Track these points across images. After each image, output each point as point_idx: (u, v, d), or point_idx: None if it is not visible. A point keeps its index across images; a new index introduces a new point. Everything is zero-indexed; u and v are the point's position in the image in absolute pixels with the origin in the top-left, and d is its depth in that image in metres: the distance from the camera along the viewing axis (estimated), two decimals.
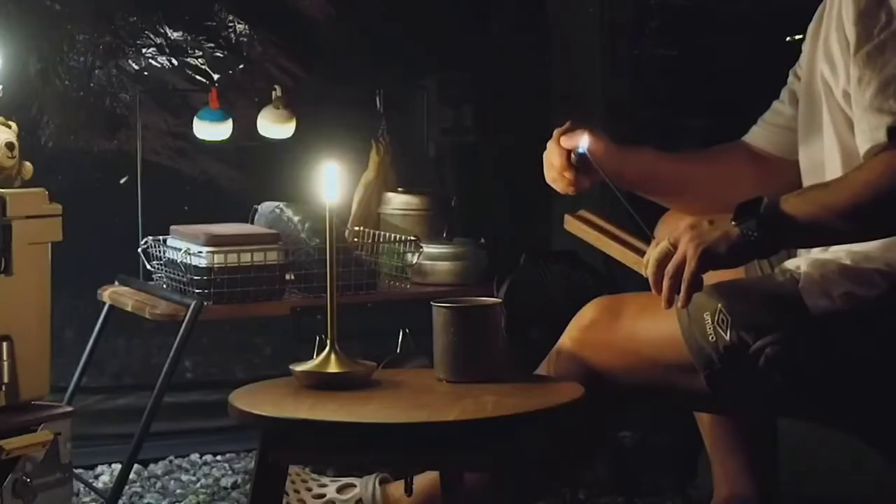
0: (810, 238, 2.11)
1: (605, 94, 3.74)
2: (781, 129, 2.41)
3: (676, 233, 2.08)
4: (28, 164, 2.73)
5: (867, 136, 2.06)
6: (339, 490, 2.47)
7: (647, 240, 2.17)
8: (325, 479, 2.51)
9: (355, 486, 2.46)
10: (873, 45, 2.08)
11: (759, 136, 2.45)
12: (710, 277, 2.19)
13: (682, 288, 2.06)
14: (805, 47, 2.32)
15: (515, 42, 3.84)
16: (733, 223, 2.05)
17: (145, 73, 3.57)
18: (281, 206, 3.17)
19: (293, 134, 3.38)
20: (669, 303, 2.08)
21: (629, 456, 3.24)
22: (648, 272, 2.10)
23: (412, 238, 3.19)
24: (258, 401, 2.07)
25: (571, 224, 2.32)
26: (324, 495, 2.47)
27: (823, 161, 2.21)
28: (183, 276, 3.02)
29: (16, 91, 3.09)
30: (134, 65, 3.57)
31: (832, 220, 2.04)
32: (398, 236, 3.22)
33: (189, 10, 3.61)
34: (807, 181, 2.25)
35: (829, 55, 2.17)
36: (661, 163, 2.46)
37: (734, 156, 2.45)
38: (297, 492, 2.47)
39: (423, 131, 3.68)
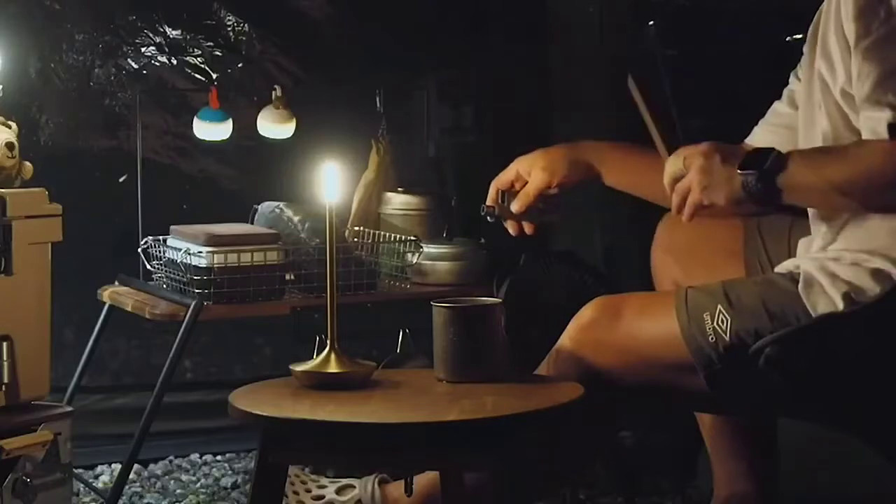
0: (806, 201, 2.20)
1: (605, 93, 3.73)
2: (782, 129, 2.41)
3: (691, 155, 2.17)
4: (28, 164, 2.73)
5: (867, 129, 2.07)
6: (339, 491, 2.47)
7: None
8: (324, 480, 2.51)
9: (354, 486, 2.46)
10: (872, 40, 2.08)
11: (759, 137, 2.45)
12: (710, 278, 2.19)
13: (686, 211, 2.17)
14: (805, 49, 2.32)
15: (515, 42, 3.84)
16: (738, 171, 2.10)
17: (145, 72, 3.57)
18: (281, 206, 3.17)
19: (293, 134, 3.38)
20: (678, 211, 2.19)
21: (629, 456, 3.24)
22: (665, 182, 2.21)
23: (412, 238, 3.19)
24: (258, 401, 2.07)
25: (635, 86, 2.40)
26: (323, 496, 2.47)
27: None
28: (183, 276, 3.02)
29: (16, 91, 3.09)
30: (133, 64, 3.57)
31: (829, 192, 2.10)
32: (398, 236, 3.22)
33: (188, 8, 3.61)
34: None
35: (828, 54, 2.17)
36: (645, 168, 2.46)
37: None
38: (296, 493, 2.47)
39: (423, 131, 3.68)
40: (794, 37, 2.30)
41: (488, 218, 2.58)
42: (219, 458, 3.53)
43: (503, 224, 2.58)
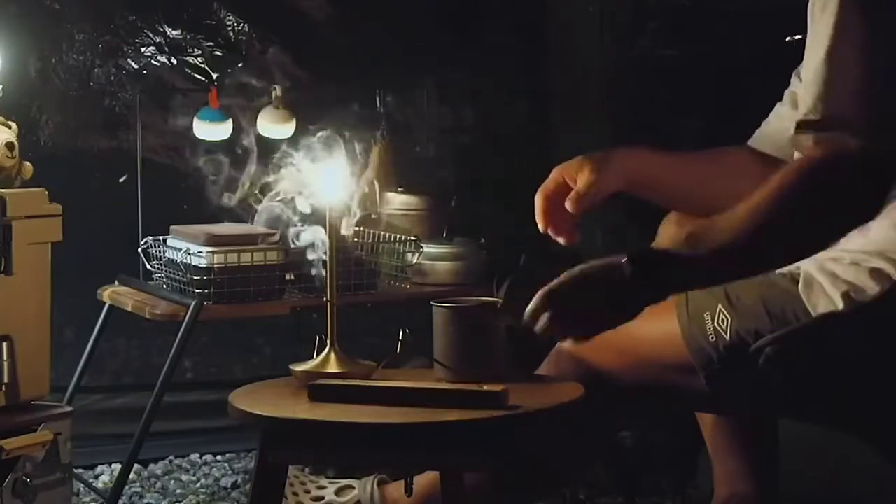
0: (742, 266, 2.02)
1: (605, 94, 3.74)
2: (784, 131, 2.40)
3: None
4: (28, 164, 2.73)
5: (798, 147, 2.01)
6: (338, 492, 2.47)
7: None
8: (323, 482, 2.51)
9: (354, 487, 2.46)
10: (827, 48, 2.04)
11: (761, 139, 2.44)
12: None
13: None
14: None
15: (515, 42, 3.84)
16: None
17: (144, 72, 3.58)
18: (281, 206, 3.17)
19: (293, 134, 3.38)
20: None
21: (629, 456, 3.24)
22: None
23: (412, 238, 3.19)
24: (258, 401, 2.07)
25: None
26: (322, 497, 2.47)
27: None
28: (183, 276, 3.02)
29: (16, 91, 3.09)
30: (133, 64, 3.57)
31: (760, 241, 1.96)
32: (398, 236, 3.22)
33: (188, 8, 3.61)
34: None
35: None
36: (668, 172, 2.44)
37: (739, 158, 2.44)
38: (295, 494, 2.47)
39: (423, 131, 3.68)
40: (794, 37, 2.29)
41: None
42: (219, 458, 3.54)
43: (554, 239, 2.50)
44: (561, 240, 2.48)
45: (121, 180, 3.47)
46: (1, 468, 2.53)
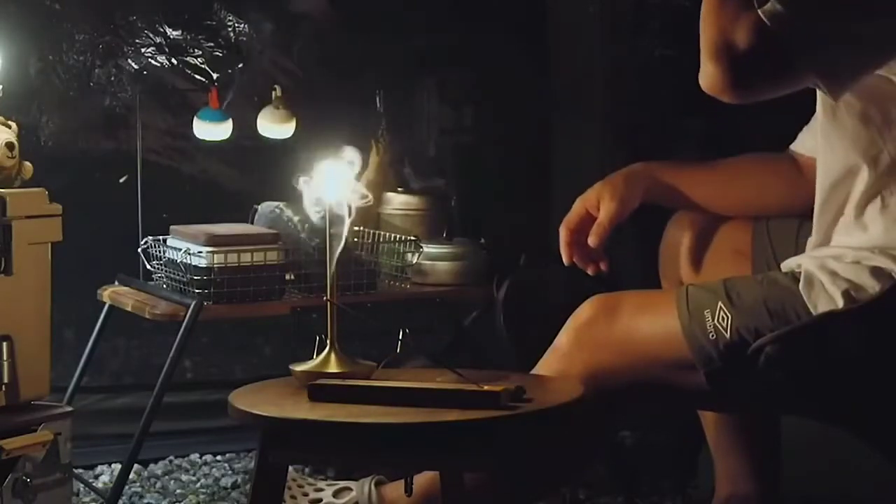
0: None
1: (605, 94, 3.73)
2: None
3: None
4: (28, 164, 2.73)
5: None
6: (336, 494, 2.47)
7: None
8: (321, 483, 2.51)
9: (351, 489, 2.46)
10: None
11: (800, 143, 2.45)
12: (718, 277, 2.19)
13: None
14: None
15: (515, 42, 3.84)
16: None
17: (145, 72, 3.57)
18: (281, 206, 3.17)
19: (293, 134, 3.38)
20: None
21: (629, 456, 3.24)
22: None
23: (412, 238, 3.19)
24: (258, 401, 2.07)
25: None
26: (320, 500, 2.47)
27: (836, 161, 2.20)
28: (183, 276, 3.02)
29: (16, 91, 3.09)
30: (133, 64, 3.57)
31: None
32: (398, 236, 3.22)
33: (188, 8, 3.60)
34: (820, 178, 2.25)
35: None
36: (688, 186, 2.45)
37: (780, 164, 2.44)
38: (293, 497, 2.47)
39: (423, 131, 3.68)
40: None
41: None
42: (219, 458, 3.53)
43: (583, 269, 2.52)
44: (589, 270, 2.49)
45: (121, 180, 3.47)
46: (1, 468, 2.53)
